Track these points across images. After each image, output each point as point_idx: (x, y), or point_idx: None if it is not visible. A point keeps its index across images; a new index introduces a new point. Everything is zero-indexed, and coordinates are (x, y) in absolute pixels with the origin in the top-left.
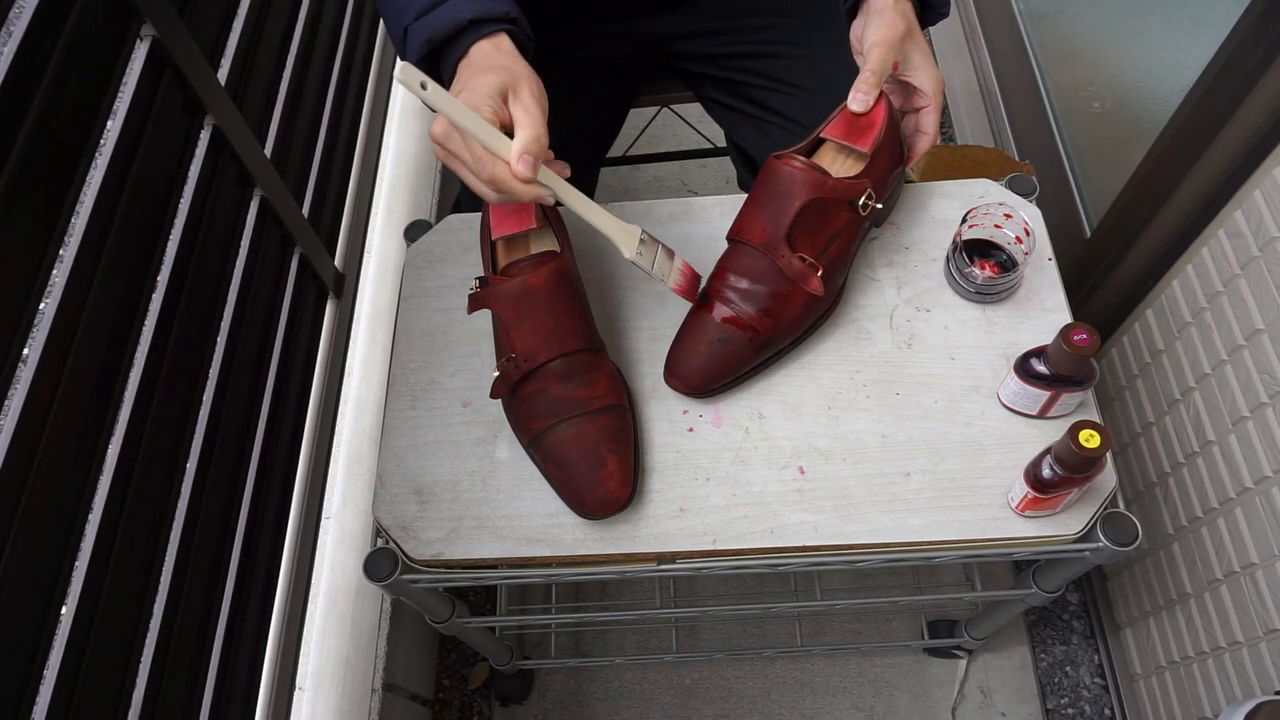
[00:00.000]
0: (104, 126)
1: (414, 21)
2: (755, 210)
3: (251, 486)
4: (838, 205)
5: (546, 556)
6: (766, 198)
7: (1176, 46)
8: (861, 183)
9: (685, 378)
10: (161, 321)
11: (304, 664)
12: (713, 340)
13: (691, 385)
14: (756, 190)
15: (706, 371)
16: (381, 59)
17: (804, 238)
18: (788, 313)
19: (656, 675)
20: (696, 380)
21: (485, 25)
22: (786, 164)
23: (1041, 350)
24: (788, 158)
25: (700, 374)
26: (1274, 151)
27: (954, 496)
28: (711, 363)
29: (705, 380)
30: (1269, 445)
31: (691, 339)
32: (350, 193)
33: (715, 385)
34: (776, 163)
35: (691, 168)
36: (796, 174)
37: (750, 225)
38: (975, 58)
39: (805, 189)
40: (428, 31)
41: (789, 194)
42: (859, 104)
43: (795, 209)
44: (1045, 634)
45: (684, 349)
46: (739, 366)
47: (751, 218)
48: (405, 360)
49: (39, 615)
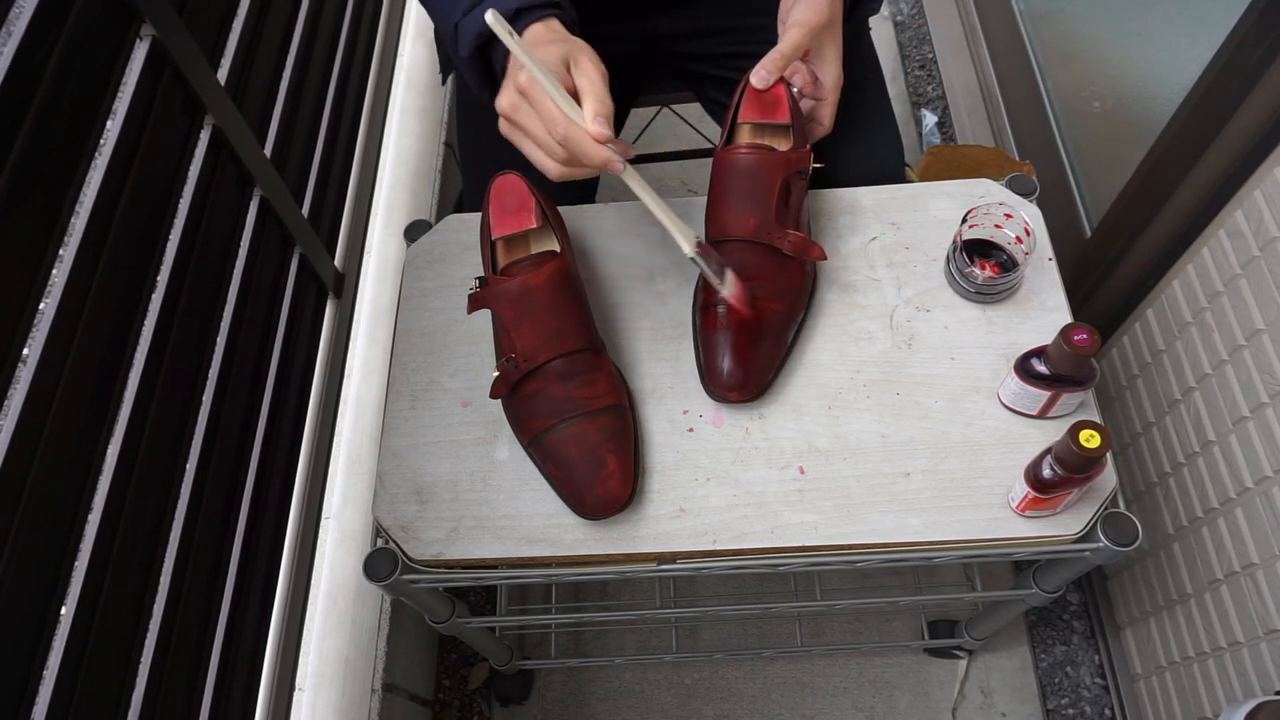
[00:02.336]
0: (104, 126)
1: (464, 17)
2: (733, 204)
3: (251, 486)
4: (795, 176)
5: (546, 556)
6: (740, 190)
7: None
8: (806, 151)
9: (742, 386)
10: (161, 321)
11: (304, 664)
12: (747, 343)
13: (749, 390)
14: (724, 187)
15: (760, 371)
16: (381, 59)
17: (781, 214)
18: (795, 285)
19: (656, 675)
20: (753, 384)
21: (535, 10)
22: (749, 154)
23: (1042, 350)
24: (737, 149)
25: (755, 375)
26: (1274, 151)
27: (954, 496)
28: (759, 362)
29: (760, 380)
30: (1269, 445)
31: (726, 350)
32: (350, 193)
33: (768, 381)
34: (735, 155)
35: (691, 168)
36: (764, 159)
37: (735, 220)
38: (975, 58)
39: (779, 169)
40: (478, 24)
41: (765, 179)
42: (760, 81)
43: (776, 190)
44: (1045, 634)
45: (725, 359)
46: (779, 353)
47: (732, 212)
48: (405, 360)
49: (39, 615)
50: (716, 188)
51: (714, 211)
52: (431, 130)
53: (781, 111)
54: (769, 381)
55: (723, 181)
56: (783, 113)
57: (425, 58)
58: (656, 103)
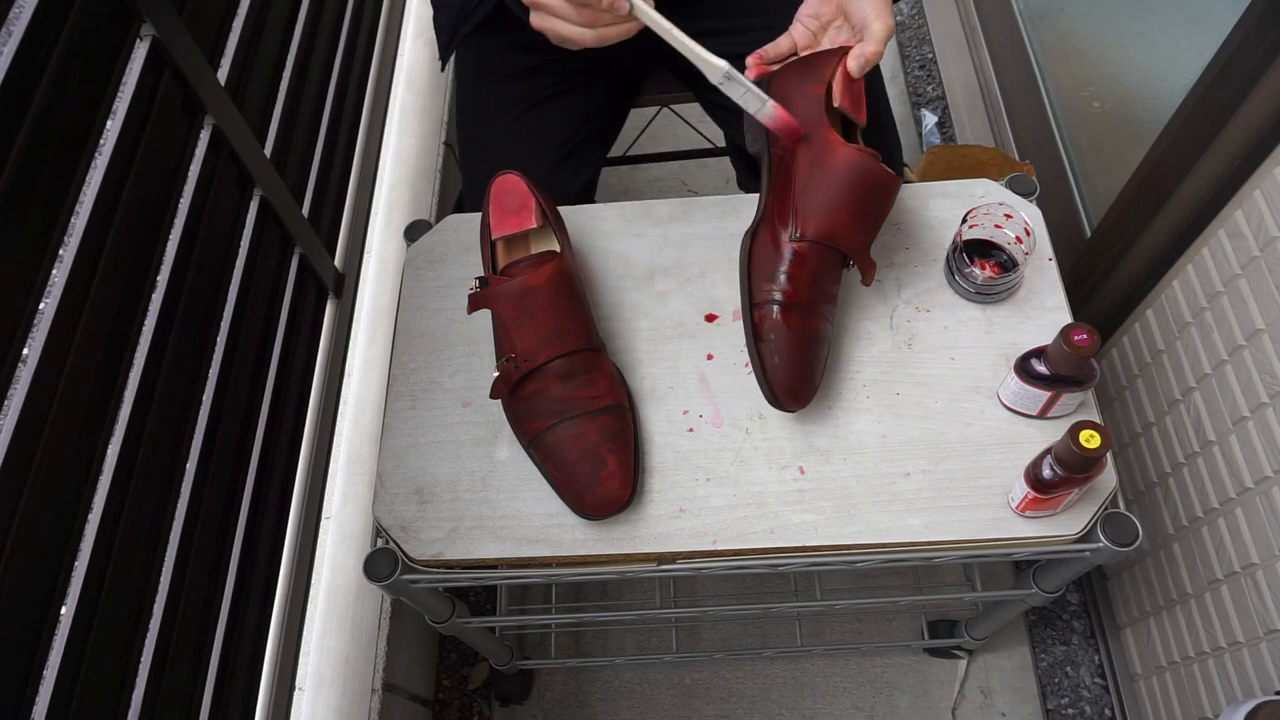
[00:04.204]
0: (104, 126)
1: None
2: (850, 210)
3: (251, 486)
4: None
5: (546, 556)
6: (866, 207)
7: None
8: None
9: (805, 397)
10: (161, 321)
11: (304, 664)
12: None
13: (805, 401)
14: (846, 189)
15: (815, 383)
16: (381, 59)
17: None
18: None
19: (656, 675)
20: (810, 395)
21: None
22: (886, 172)
23: (1042, 350)
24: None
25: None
26: (1274, 151)
27: (954, 496)
28: (818, 374)
29: (813, 393)
30: (1269, 445)
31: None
32: (350, 193)
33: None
34: (871, 164)
35: (691, 168)
36: (893, 181)
37: (847, 231)
38: (975, 58)
39: (892, 191)
40: None
41: (882, 202)
42: (856, 69)
43: (884, 216)
44: (1045, 634)
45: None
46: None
47: (850, 222)
48: (405, 360)
49: (39, 615)
50: (835, 187)
51: (829, 208)
52: (431, 130)
53: (860, 109)
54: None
55: (847, 183)
56: (860, 112)
57: (425, 58)
58: (656, 103)
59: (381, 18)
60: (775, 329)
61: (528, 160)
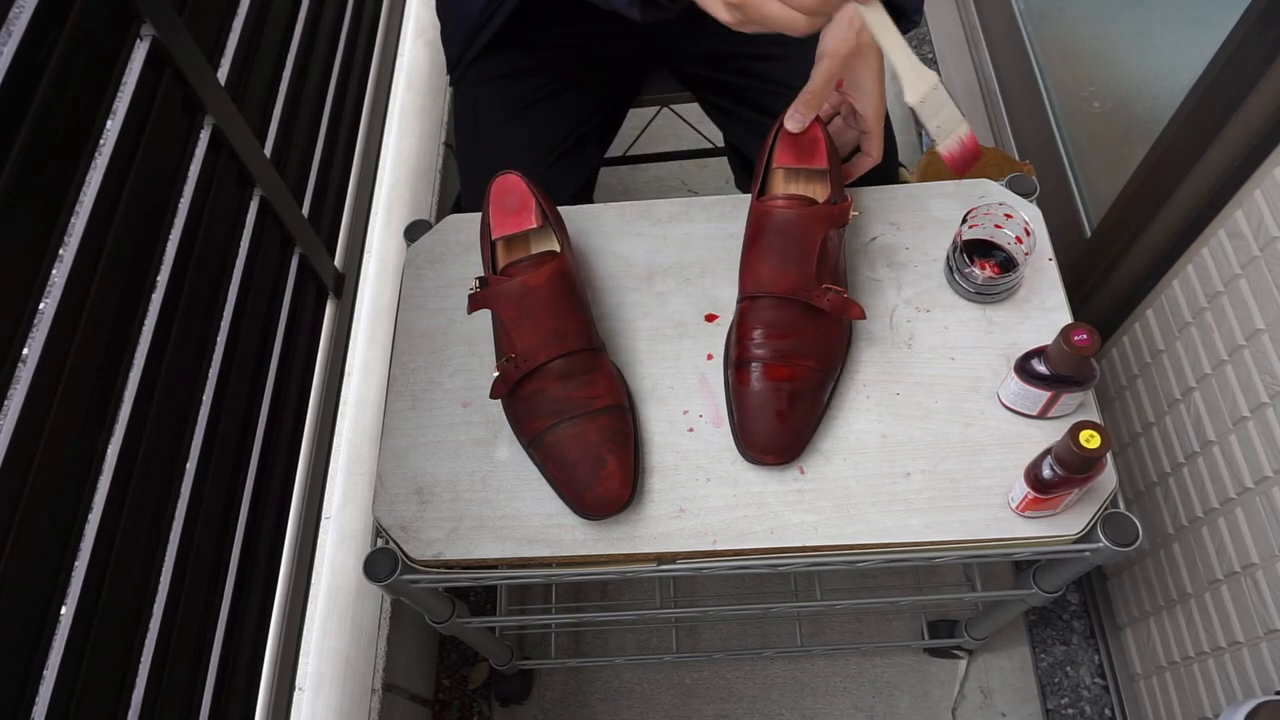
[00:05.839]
0: (104, 126)
1: None
2: (767, 259)
3: (251, 486)
4: (836, 230)
5: (546, 557)
6: (777, 245)
7: (1176, 46)
8: (847, 203)
9: (778, 450)
10: (161, 321)
11: (304, 664)
12: (783, 404)
13: (786, 453)
14: (761, 241)
15: (795, 434)
16: (381, 59)
17: (820, 270)
18: (832, 342)
19: (656, 675)
20: (791, 447)
21: None
22: (788, 209)
23: (1042, 350)
24: (774, 202)
25: (790, 438)
26: (1274, 151)
27: (954, 497)
28: (795, 424)
29: (798, 443)
30: (1269, 445)
31: (762, 410)
32: (350, 193)
33: (806, 442)
34: (773, 209)
35: (691, 168)
36: (805, 216)
37: (773, 276)
38: (975, 58)
39: (819, 226)
40: None
41: (805, 237)
42: (795, 124)
43: (817, 247)
44: (1045, 634)
45: (760, 422)
46: (816, 412)
47: (769, 268)
48: (405, 360)
49: (39, 615)
50: (753, 241)
51: (750, 265)
52: (431, 130)
53: (819, 156)
54: (807, 442)
55: (760, 236)
56: (820, 158)
57: (425, 58)
58: (656, 102)
59: (381, 18)
60: (730, 387)
61: (525, 159)
